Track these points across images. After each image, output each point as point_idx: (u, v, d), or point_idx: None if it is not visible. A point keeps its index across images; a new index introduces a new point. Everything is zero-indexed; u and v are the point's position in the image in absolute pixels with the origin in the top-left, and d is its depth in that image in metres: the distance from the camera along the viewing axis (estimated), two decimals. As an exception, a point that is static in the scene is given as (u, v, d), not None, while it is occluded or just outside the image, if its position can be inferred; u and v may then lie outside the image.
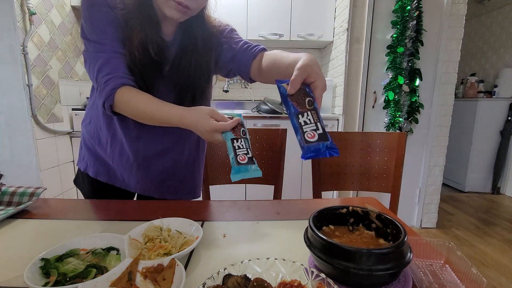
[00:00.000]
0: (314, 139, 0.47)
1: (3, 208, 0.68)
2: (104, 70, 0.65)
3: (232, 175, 0.56)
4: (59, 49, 1.99)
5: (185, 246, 0.51)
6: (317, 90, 0.53)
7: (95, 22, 0.65)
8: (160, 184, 0.85)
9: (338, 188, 1.20)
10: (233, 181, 0.57)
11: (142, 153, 0.80)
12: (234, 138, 0.58)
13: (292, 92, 0.52)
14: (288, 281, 0.38)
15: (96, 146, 0.82)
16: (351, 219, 0.53)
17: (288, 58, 0.64)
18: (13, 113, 1.69)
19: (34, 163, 1.77)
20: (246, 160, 0.56)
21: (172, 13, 0.65)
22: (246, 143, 0.59)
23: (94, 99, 0.80)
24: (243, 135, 0.59)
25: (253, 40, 2.46)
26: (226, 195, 2.08)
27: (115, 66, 0.66)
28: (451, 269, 0.46)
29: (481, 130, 3.04)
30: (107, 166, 0.82)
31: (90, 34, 0.66)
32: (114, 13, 0.66)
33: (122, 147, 0.79)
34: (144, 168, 0.82)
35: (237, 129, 0.60)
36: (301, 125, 0.49)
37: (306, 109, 0.50)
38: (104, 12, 0.65)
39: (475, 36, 3.57)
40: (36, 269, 0.42)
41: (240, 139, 0.58)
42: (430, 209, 2.30)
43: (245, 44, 0.78)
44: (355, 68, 2.13)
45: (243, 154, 0.57)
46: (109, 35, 0.66)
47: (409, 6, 1.96)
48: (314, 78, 0.53)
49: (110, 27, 0.66)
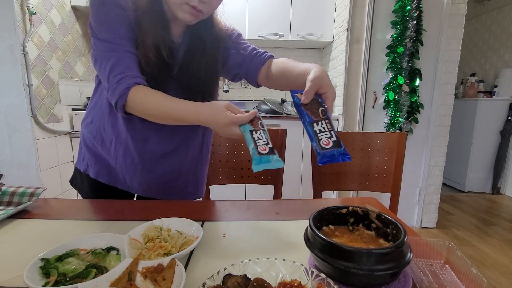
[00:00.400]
0: (329, 146, 0.52)
1: (3, 208, 0.68)
2: (116, 69, 0.64)
3: (254, 165, 0.53)
4: (59, 49, 1.99)
5: (185, 246, 0.51)
6: (329, 100, 0.58)
7: (106, 21, 0.65)
8: (164, 185, 0.85)
9: (338, 188, 1.20)
10: (255, 171, 0.54)
11: (148, 154, 0.79)
12: (253, 130, 0.57)
13: (306, 102, 0.56)
14: (288, 281, 0.38)
15: (98, 146, 0.81)
16: (351, 219, 0.53)
17: (298, 68, 0.67)
18: (13, 113, 1.69)
19: (34, 163, 1.77)
20: (267, 150, 0.54)
21: (184, 16, 0.65)
22: (265, 134, 0.57)
23: (97, 99, 0.80)
24: (261, 127, 0.58)
25: (253, 40, 2.48)
26: (226, 195, 2.08)
27: (127, 65, 0.65)
28: (451, 269, 0.46)
29: (481, 130, 3.04)
30: (109, 167, 0.81)
31: (100, 33, 0.65)
32: (125, 13, 0.65)
33: (127, 148, 0.78)
34: (149, 169, 0.81)
35: (255, 122, 0.58)
36: (316, 133, 0.53)
37: (320, 118, 0.55)
38: (115, 11, 0.65)
39: (475, 36, 3.57)
40: (36, 269, 0.42)
41: (259, 130, 0.57)
42: (430, 209, 2.30)
43: (254, 50, 0.80)
44: (355, 68, 2.13)
45: (264, 145, 0.55)
46: (120, 35, 0.65)
47: (409, 6, 1.96)
48: (326, 89, 0.57)
49: (121, 27, 0.65)
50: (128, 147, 0.78)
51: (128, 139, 0.77)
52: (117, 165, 0.80)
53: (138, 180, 0.82)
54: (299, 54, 2.76)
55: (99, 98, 0.79)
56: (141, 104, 0.64)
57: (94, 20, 0.65)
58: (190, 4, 0.63)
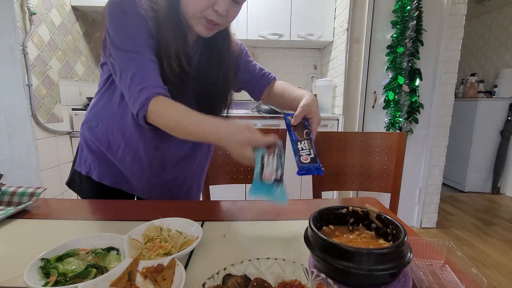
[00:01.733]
0: (307, 161, 0.61)
1: (3, 208, 0.68)
2: (137, 79, 0.62)
3: (251, 190, 0.52)
4: (59, 49, 1.99)
5: (185, 246, 0.51)
6: (313, 125, 0.68)
7: (126, 30, 0.63)
8: (169, 190, 0.86)
9: (338, 188, 1.20)
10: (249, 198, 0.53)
11: (158, 161, 0.80)
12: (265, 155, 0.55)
13: (295, 124, 0.67)
14: (288, 281, 0.38)
15: (103, 149, 0.79)
16: (351, 219, 0.53)
17: (295, 93, 0.79)
18: (13, 113, 1.69)
19: (34, 163, 1.77)
20: (272, 178, 0.52)
21: (201, 29, 0.66)
22: (277, 162, 0.55)
23: (105, 104, 0.78)
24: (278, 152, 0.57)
25: (253, 40, 2.47)
26: (226, 195, 2.08)
27: (149, 75, 0.63)
28: (451, 269, 0.46)
29: (481, 130, 3.04)
30: (115, 170, 0.80)
31: (121, 42, 0.63)
32: (145, 22, 0.64)
33: (136, 155, 0.78)
34: (156, 175, 0.82)
35: (272, 148, 0.57)
36: (299, 150, 0.63)
37: (304, 138, 0.65)
38: (136, 20, 0.64)
39: (475, 36, 3.57)
40: (36, 269, 0.42)
41: (272, 157, 0.56)
42: (430, 209, 2.30)
43: (262, 70, 0.89)
44: (355, 68, 2.13)
45: (270, 173, 0.53)
46: (141, 43, 0.64)
47: (409, 6, 1.96)
48: (312, 115, 0.68)
49: (141, 36, 0.64)
50: (138, 153, 0.77)
51: (140, 145, 0.76)
52: (123, 169, 0.80)
53: (143, 184, 0.82)
54: (299, 54, 2.76)
55: (108, 103, 0.77)
56: (162, 118, 0.62)
57: (113, 29, 0.63)
58: (208, 18, 0.63)
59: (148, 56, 0.64)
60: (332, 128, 2.21)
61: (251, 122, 2.12)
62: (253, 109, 2.31)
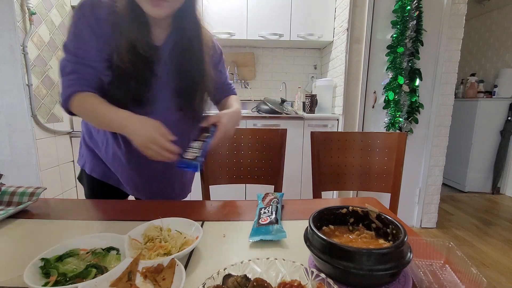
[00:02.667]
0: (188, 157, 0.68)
1: (3, 208, 0.68)
2: (72, 75, 0.68)
3: (250, 235, 0.58)
4: (59, 49, 1.99)
5: (185, 246, 0.51)
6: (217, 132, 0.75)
7: (77, 34, 0.67)
8: (151, 186, 0.88)
9: (338, 188, 1.20)
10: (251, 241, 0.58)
11: (134, 157, 0.80)
12: (264, 207, 0.67)
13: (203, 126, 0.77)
14: (288, 281, 0.38)
15: (93, 146, 0.86)
16: (351, 219, 0.53)
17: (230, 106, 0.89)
18: (13, 113, 1.68)
19: (34, 163, 1.77)
20: (268, 221, 0.60)
21: (148, 9, 0.65)
22: (273, 209, 0.66)
23: None
24: (274, 203, 0.69)
25: (253, 40, 2.48)
26: (226, 195, 2.08)
27: (84, 75, 0.68)
28: (451, 269, 0.46)
29: (481, 130, 3.04)
30: (102, 164, 0.86)
31: (70, 45, 0.68)
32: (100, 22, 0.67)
33: (115, 151, 0.81)
34: (137, 170, 0.84)
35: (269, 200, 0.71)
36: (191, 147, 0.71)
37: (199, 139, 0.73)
38: (89, 23, 0.67)
39: (475, 36, 3.57)
40: (36, 269, 0.42)
41: (270, 207, 0.67)
42: (430, 209, 2.30)
43: (227, 80, 0.98)
44: (355, 68, 2.13)
45: (267, 217, 0.62)
46: (88, 47, 0.68)
47: (409, 6, 1.96)
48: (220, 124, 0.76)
49: (91, 39, 0.67)
50: (115, 151, 0.81)
51: (115, 143, 0.80)
52: (107, 164, 0.85)
53: (126, 180, 0.85)
54: (299, 54, 2.76)
55: None
56: (80, 109, 0.69)
57: (68, 33, 0.69)
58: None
59: (91, 60, 0.68)
60: (332, 128, 2.21)
61: (251, 122, 2.12)
62: (253, 109, 2.31)
